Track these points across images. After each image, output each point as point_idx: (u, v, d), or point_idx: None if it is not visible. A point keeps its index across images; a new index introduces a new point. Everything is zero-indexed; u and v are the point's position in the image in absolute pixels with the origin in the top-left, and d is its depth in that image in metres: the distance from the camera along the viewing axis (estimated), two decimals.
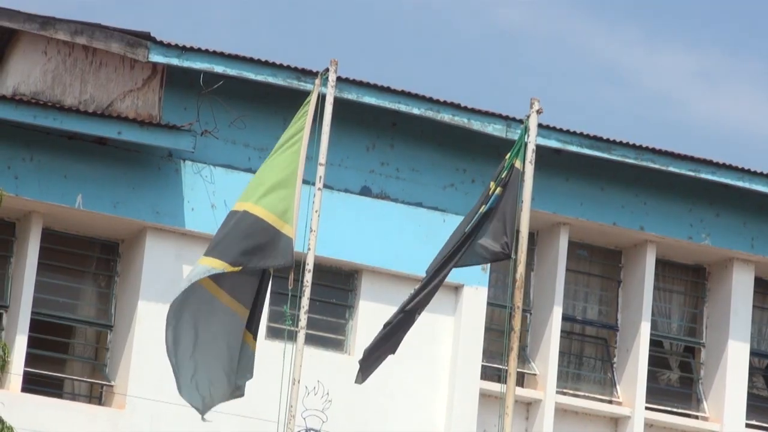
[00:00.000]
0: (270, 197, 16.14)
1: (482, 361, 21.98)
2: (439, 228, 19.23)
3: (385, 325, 16.83)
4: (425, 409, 21.78)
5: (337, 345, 21.71)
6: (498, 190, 16.53)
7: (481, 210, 16.55)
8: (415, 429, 21.70)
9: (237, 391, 17.19)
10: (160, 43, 20.89)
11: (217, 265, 15.95)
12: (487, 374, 21.91)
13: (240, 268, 16.12)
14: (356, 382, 17.21)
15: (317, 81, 16.73)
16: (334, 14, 67.04)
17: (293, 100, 17.66)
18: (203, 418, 17.19)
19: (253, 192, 16.36)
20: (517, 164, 16.67)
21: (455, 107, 21.82)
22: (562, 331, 23.04)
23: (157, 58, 20.85)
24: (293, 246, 16.03)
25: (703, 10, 69.74)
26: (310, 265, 16.49)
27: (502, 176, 16.57)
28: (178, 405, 20.44)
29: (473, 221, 16.62)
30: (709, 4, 68.88)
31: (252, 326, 16.86)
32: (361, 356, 17.33)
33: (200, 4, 65.96)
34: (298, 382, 16.53)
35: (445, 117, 21.75)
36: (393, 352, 16.95)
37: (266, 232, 15.96)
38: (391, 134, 21.85)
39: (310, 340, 17.90)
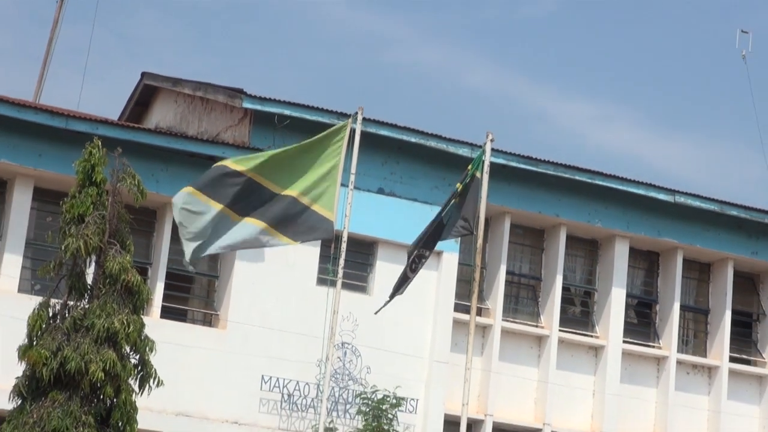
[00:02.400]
0: (317, 194, 16.25)
1: (454, 299, 22.08)
2: (427, 215, 19.30)
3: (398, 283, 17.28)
4: (418, 329, 21.66)
5: (362, 289, 21.73)
6: (461, 188, 16.77)
7: (452, 202, 16.81)
8: (412, 342, 21.69)
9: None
10: (249, 96, 21.11)
11: (285, 240, 16.24)
12: (458, 308, 21.88)
13: (300, 242, 16.50)
14: (375, 313, 17.59)
15: (349, 120, 16.89)
16: (355, 69, 66.55)
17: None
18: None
19: (300, 184, 16.16)
20: (477, 174, 16.93)
21: (438, 137, 22.17)
22: (506, 281, 23.16)
23: (247, 105, 21.12)
24: (333, 226, 16.13)
25: (601, 73, 69.09)
26: (345, 238, 16.60)
27: (466, 181, 16.80)
28: (260, 327, 20.77)
29: (447, 210, 16.87)
30: (608, 68, 68.16)
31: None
32: (376, 296, 17.50)
33: (267, 68, 65.48)
34: (336, 312, 16.69)
35: (432, 143, 22.06)
36: (401, 293, 17.23)
37: (314, 216, 16.10)
38: (396, 154, 22.02)
39: (345, 286, 17.94)
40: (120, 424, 15.36)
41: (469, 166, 17.07)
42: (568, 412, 23.24)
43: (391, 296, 17.21)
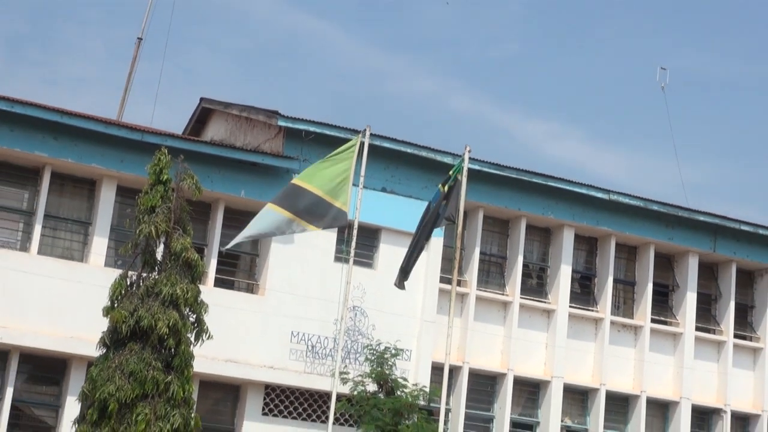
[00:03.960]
0: (335, 192, 16.42)
1: (440, 273, 22.01)
2: (419, 208, 19.19)
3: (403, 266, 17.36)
4: (412, 296, 21.31)
5: (369, 265, 21.59)
6: (446, 189, 16.75)
7: (443, 204, 16.85)
8: (407, 306, 21.55)
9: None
10: (283, 116, 20.97)
11: (311, 228, 16.62)
12: (442, 280, 21.79)
13: (322, 228, 16.65)
14: (396, 285, 17.55)
15: (359, 135, 16.95)
16: (364, 96, 66.66)
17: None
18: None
19: (324, 185, 16.45)
20: (459, 177, 16.88)
21: (428, 148, 22.10)
22: (479, 260, 23.06)
23: (281, 123, 21.01)
24: (347, 216, 16.23)
25: (554, 100, 69.17)
26: (356, 225, 16.75)
27: (450, 184, 16.82)
28: (290, 294, 20.79)
29: (435, 205, 16.91)
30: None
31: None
32: (380, 270, 17.46)
33: (296, 94, 65.69)
34: (349, 282, 16.73)
35: (423, 153, 22.02)
36: (407, 277, 17.41)
37: (332, 208, 16.25)
38: (396, 162, 21.92)
39: (355, 263, 17.94)
40: (180, 368, 15.38)
41: (450, 171, 17.15)
42: (526, 360, 23.21)
43: (403, 279, 17.31)
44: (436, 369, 20.37)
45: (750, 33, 72.05)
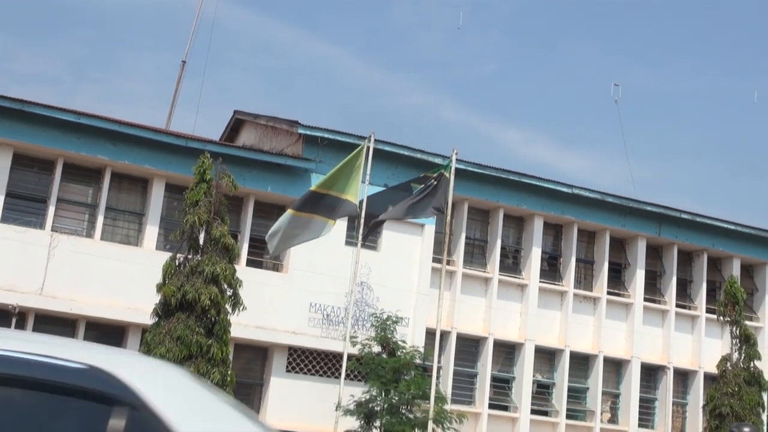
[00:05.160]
0: (347, 188, 16.43)
1: (432, 254, 21.94)
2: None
3: (375, 222, 17.44)
4: (409, 274, 21.53)
5: (374, 248, 21.43)
6: (432, 180, 16.80)
7: (423, 192, 16.84)
8: (405, 282, 21.60)
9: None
10: (302, 125, 20.92)
11: (330, 223, 16.76)
12: (434, 260, 21.68)
13: (336, 219, 16.72)
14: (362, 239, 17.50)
15: (366, 141, 16.90)
16: (369, 108, 66.59)
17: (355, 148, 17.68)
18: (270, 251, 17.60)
19: (338, 185, 16.54)
20: (446, 174, 16.90)
21: (422, 151, 21.99)
22: (465, 243, 23.03)
23: (301, 131, 20.96)
24: (356, 207, 16.20)
25: (527, 110, 69.12)
26: (363, 215, 16.57)
27: (433, 175, 16.86)
28: (309, 272, 20.73)
29: (423, 193, 16.85)
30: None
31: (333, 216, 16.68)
32: (383, 252, 17.43)
33: (312, 106, 65.79)
34: (357, 262, 16.69)
35: (418, 155, 21.95)
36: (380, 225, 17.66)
37: (343, 201, 16.33)
38: (395, 162, 21.84)
39: (363, 246, 17.89)
40: (219, 333, 15.43)
41: (442, 169, 17.16)
42: (504, 326, 23.18)
43: (373, 227, 17.53)
44: (429, 334, 20.38)
45: (687, 54, 72.10)
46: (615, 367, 24.59)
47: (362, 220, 17.17)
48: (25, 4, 65.50)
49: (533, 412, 22.98)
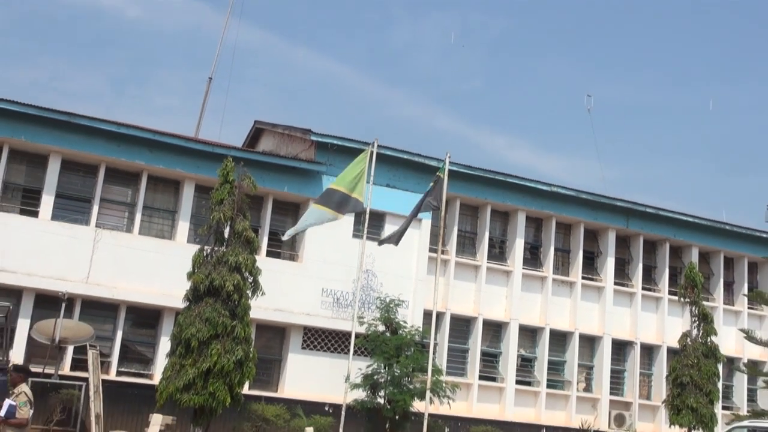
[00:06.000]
0: (354, 187, 16.38)
1: (429, 245, 21.81)
2: (413, 198, 19.15)
3: (392, 234, 17.31)
4: (409, 262, 21.39)
5: (377, 240, 21.39)
6: (435, 183, 16.75)
7: (430, 193, 16.80)
8: (405, 269, 21.44)
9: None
10: (314, 132, 20.82)
11: (339, 216, 16.73)
12: (430, 250, 21.61)
13: (344, 214, 16.75)
14: (378, 244, 17.77)
15: (370, 146, 16.85)
16: (372, 117, 66.58)
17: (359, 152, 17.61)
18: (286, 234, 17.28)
19: (348, 184, 16.44)
20: (441, 176, 16.82)
21: (419, 155, 21.80)
22: (457, 235, 22.88)
23: (313, 138, 20.88)
24: (363, 204, 16.14)
25: (510, 118, 68.90)
26: (367, 211, 16.49)
27: (435, 179, 16.75)
28: (321, 261, 20.63)
29: (426, 195, 16.88)
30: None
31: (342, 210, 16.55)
32: (385, 243, 17.39)
33: (322, 116, 65.70)
34: (363, 252, 16.69)
35: (415, 158, 21.80)
36: (396, 243, 17.22)
37: (351, 199, 16.27)
38: (396, 165, 21.69)
39: (368, 238, 17.87)
40: (242, 315, 15.39)
41: (438, 172, 17.08)
42: (492, 307, 23.08)
43: (395, 241, 17.24)
44: (427, 314, 20.29)
45: (650, 68, 71.93)
46: (589, 342, 24.47)
47: (367, 215, 17.10)
48: (71, 31, 65.59)
49: (518, 382, 22.89)
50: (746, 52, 72.85)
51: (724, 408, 24.74)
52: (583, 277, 24.53)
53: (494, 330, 23.28)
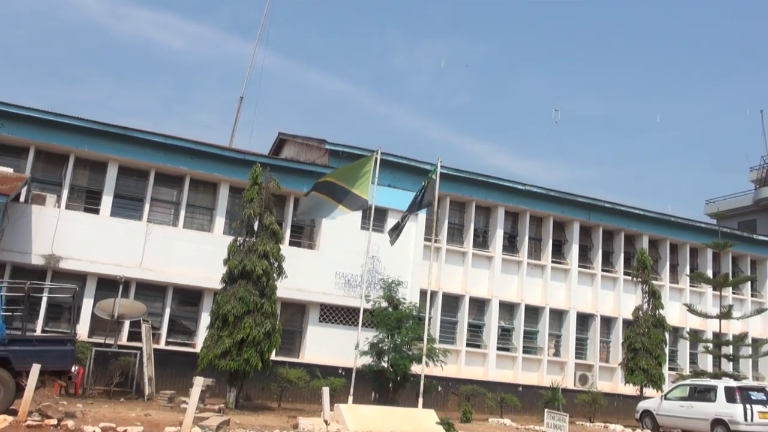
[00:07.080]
0: (360, 186, 16.18)
1: (424, 235, 21.76)
2: (410, 196, 19.04)
3: (394, 227, 16.99)
4: (407, 249, 21.27)
5: (381, 231, 20.97)
6: (426, 183, 16.60)
7: (423, 192, 16.64)
8: (404, 255, 21.32)
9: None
10: (328, 142, 20.85)
11: (348, 211, 16.06)
12: (425, 238, 21.62)
13: (353, 210, 16.36)
14: (392, 245, 17.35)
15: (374, 153, 16.78)
16: (375, 129, 66.43)
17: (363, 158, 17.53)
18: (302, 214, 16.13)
19: (352, 183, 15.92)
20: (434, 177, 16.74)
21: (415, 160, 21.69)
22: (447, 227, 22.78)
23: (327, 146, 20.90)
24: (367, 201, 16.03)
25: (491, 129, 68.77)
26: (372, 207, 16.48)
27: (428, 178, 16.67)
28: (335, 249, 20.51)
29: (421, 193, 16.75)
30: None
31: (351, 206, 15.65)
32: (388, 234, 17.29)
33: (334, 129, 65.53)
34: (369, 242, 16.55)
35: (412, 163, 21.70)
36: (398, 237, 17.03)
37: (359, 198, 16.05)
38: (396, 168, 21.58)
39: (373, 229, 17.82)
40: (269, 294, 15.45)
41: (430, 173, 17.03)
42: (477, 286, 23.01)
43: (394, 238, 17.16)
44: (422, 293, 20.25)
45: (610, 85, 71.80)
46: (558, 315, 24.38)
47: (372, 211, 17.07)
48: (127, 60, 65.60)
49: (498, 349, 22.86)
50: (684, 75, 72.86)
51: (670, 369, 24.74)
52: (553, 261, 24.46)
53: (479, 305, 23.25)
